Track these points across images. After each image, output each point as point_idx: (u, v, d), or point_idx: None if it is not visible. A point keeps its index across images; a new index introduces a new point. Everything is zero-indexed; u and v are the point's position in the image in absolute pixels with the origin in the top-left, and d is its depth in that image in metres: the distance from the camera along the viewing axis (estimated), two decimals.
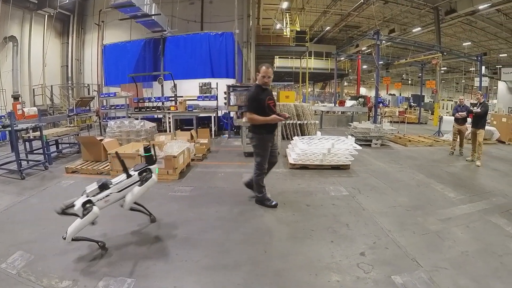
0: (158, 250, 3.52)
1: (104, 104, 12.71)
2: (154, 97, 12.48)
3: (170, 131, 10.88)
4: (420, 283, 3.07)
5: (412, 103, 30.07)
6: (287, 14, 23.76)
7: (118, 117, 11.42)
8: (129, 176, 3.62)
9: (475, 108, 9.12)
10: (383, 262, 3.40)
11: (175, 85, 11.98)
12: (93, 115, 14.64)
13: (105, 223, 3.90)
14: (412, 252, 3.63)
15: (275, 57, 25.97)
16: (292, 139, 8.43)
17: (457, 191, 6.04)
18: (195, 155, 7.56)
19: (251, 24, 17.03)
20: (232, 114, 11.71)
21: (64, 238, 3.23)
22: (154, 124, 9.07)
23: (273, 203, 4.83)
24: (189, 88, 12.38)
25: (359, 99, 22.47)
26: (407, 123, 14.41)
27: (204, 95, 12.05)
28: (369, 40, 23.09)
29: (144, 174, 3.71)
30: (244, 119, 5.15)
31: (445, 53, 17.88)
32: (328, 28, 28.73)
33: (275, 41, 21.58)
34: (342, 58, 26.19)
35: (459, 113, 9.44)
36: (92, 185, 3.50)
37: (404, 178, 6.91)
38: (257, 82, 4.60)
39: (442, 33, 23.91)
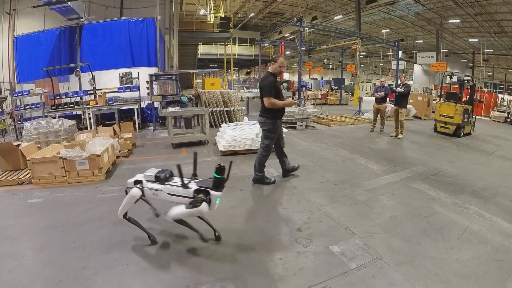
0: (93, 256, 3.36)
1: (18, 104, 11.24)
2: (72, 92, 11.30)
3: (91, 127, 10.07)
4: (356, 249, 3.46)
5: (333, 86, 31.79)
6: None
7: (35, 118, 10.12)
8: (185, 186, 3.28)
9: (398, 88, 10.11)
10: (319, 234, 3.73)
11: (93, 77, 11.04)
12: (7, 118, 12.84)
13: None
14: (344, 222, 4.02)
15: (199, 43, 25.42)
16: (221, 127, 8.50)
17: (380, 164, 6.70)
18: (120, 151, 7.21)
19: (173, 9, 16.36)
20: (156, 104, 11.30)
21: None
22: (73, 122, 8.37)
23: (272, 180, 5.43)
24: (109, 79, 11.59)
25: (283, 84, 23.06)
26: (329, 104, 15.33)
27: (125, 86, 11.39)
28: (292, 27, 23.76)
29: (199, 196, 3.19)
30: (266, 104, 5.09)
31: (364, 39, 19.12)
32: (252, 14, 28.87)
33: (198, 28, 21.05)
34: (266, 45, 26.62)
35: (378, 93, 10.36)
36: (151, 169, 3.46)
37: (330, 155, 7.48)
38: (270, 70, 5.15)
39: (362, 20, 25.73)
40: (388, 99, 10.88)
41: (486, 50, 29.55)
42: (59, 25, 12.78)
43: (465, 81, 12.49)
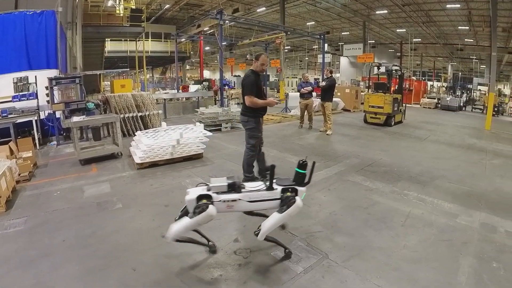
0: None
1: None
2: None
3: None
4: (300, 252, 3.53)
5: None
6: None
7: None
8: (270, 188, 3.21)
9: (322, 82, 10.62)
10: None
11: None
12: None
13: None
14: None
15: (106, 39, 24.14)
16: (135, 135, 8.14)
17: (312, 160, 6.89)
18: (19, 174, 6.50)
19: (77, 0, 15.37)
20: (58, 114, 10.40)
21: (163, 237, 3.06)
22: None
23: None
24: (1, 86, 10.47)
25: (204, 82, 23.04)
26: None
27: (21, 93, 10.23)
28: (212, 20, 23.66)
29: (288, 195, 3.19)
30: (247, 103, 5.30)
31: (289, 33, 19.72)
32: (167, 6, 28.27)
33: (106, 21, 19.71)
34: (183, 40, 26.23)
35: (304, 88, 10.78)
36: (219, 179, 3.24)
37: None
38: (253, 69, 5.49)
39: (287, 13, 26.62)
40: (314, 93, 11.39)
41: (414, 40, 32.46)
42: None
43: (393, 71, 13.62)
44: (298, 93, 11.68)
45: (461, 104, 24.12)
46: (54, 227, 4.39)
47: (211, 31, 30.31)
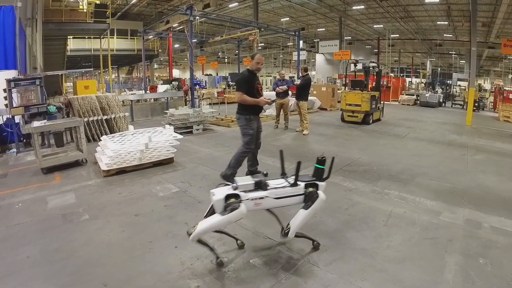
0: None
1: None
2: None
3: None
4: (280, 257, 3.54)
5: (230, 82, 32.31)
6: None
7: None
8: (295, 184, 3.46)
9: (297, 80, 10.71)
10: (237, 249, 3.73)
11: None
12: None
13: None
14: (261, 230, 4.09)
15: (69, 37, 23.54)
16: (101, 140, 7.98)
17: (289, 161, 6.89)
18: None
19: None
20: (17, 119, 10.05)
21: (189, 235, 3.19)
22: None
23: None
24: None
25: (173, 82, 22.75)
26: (228, 103, 15.51)
27: None
28: (181, 16, 23.37)
29: (312, 190, 3.49)
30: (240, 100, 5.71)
31: (262, 29, 19.93)
32: (133, 1, 27.70)
33: (68, 17, 19.23)
34: (150, 37, 26.01)
35: (280, 87, 10.83)
36: (244, 178, 3.46)
37: None
38: (248, 68, 5.90)
39: (260, 9, 26.61)
40: (290, 92, 11.48)
41: (392, 35, 33.07)
42: None
43: (371, 68, 13.85)
44: (272, 92, 11.73)
45: (441, 100, 24.76)
46: (17, 243, 4.22)
47: (181, 27, 30.06)
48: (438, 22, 29.92)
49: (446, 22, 29.26)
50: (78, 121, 7.86)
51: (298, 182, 3.51)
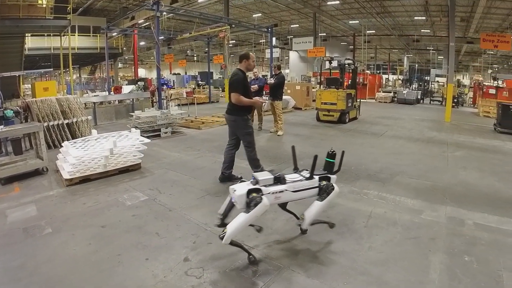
0: None
1: None
2: None
3: None
4: (258, 264, 3.53)
5: (200, 82, 32.31)
6: None
7: None
8: (311, 178, 3.80)
9: (270, 79, 10.74)
10: (212, 259, 3.69)
11: None
12: None
13: None
14: (237, 237, 3.99)
15: (27, 35, 22.84)
16: (62, 146, 7.80)
17: (264, 164, 7.00)
18: None
19: None
20: None
21: (222, 238, 3.28)
22: None
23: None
24: None
25: (139, 82, 22.52)
26: (197, 103, 15.48)
27: None
28: (147, 12, 23.06)
29: (327, 183, 3.85)
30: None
31: (233, 25, 19.86)
32: None
33: (26, 13, 18.52)
34: (114, 34, 25.57)
35: (252, 86, 10.83)
36: (262, 173, 3.68)
37: (206, 163, 7.58)
38: (240, 68, 6.02)
39: (231, 4, 26.70)
40: (264, 91, 11.51)
41: (368, 31, 33.82)
42: None
43: (346, 65, 14.07)
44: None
45: (419, 97, 25.37)
46: None
47: (147, 24, 29.81)
48: (416, 18, 30.65)
49: (424, 18, 30.08)
50: (37, 126, 7.66)
51: (313, 176, 3.86)
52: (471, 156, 8.26)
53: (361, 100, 16.79)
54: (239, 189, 3.44)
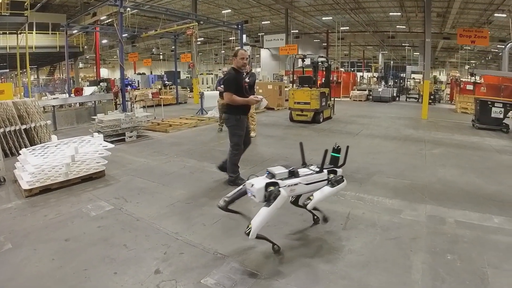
0: None
1: None
2: None
3: None
4: (234, 274, 3.51)
5: (166, 82, 32.08)
6: None
7: None
8: (321, 171, 4.16)
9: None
10: (184, 269, 3.64)
11: None
12: None
13: None
14: (210, 245, 4.05)
15: None
16: (20, 154, 7.62)
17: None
18: None
19: None
20: None
21: (248, 234, 3.52)
22: None
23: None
24: None
25: (101, 83, 22.31)
26: (164, 105, 15.39)
27: None
28: (110, 7, 22.76)
29: (335, 176, 4.23)
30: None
31: (202, 22, 19.91)
32: None
33: None
34: (75, 32, 25.04)
35: (221, 86, 10.86)
36: (277, 167, 3.91)
37: (174, 168, 7.55)
38: (233, 66, 6.08)
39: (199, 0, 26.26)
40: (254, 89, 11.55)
41: (342, 28, 34.33)
42: None
43: (320, 63, 14.25)
44: (215, 92, 11.73)
45: (395, 95, 25.90)
46: None
47: (109, 20, 29.38)
48: (391, 14, 31.36)
49: (399, 13, 30.72)
50: None
51: (323, 169, 4.21)
52: (449, 153, 8.50)
53: (335, 98, 17.03)
54: (257, 183, 3.68)
